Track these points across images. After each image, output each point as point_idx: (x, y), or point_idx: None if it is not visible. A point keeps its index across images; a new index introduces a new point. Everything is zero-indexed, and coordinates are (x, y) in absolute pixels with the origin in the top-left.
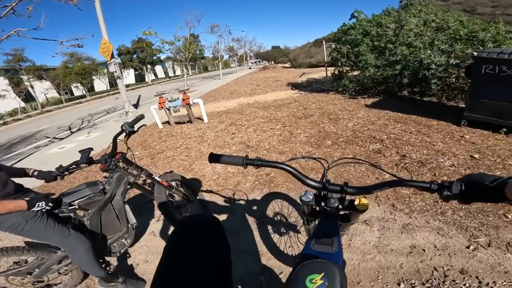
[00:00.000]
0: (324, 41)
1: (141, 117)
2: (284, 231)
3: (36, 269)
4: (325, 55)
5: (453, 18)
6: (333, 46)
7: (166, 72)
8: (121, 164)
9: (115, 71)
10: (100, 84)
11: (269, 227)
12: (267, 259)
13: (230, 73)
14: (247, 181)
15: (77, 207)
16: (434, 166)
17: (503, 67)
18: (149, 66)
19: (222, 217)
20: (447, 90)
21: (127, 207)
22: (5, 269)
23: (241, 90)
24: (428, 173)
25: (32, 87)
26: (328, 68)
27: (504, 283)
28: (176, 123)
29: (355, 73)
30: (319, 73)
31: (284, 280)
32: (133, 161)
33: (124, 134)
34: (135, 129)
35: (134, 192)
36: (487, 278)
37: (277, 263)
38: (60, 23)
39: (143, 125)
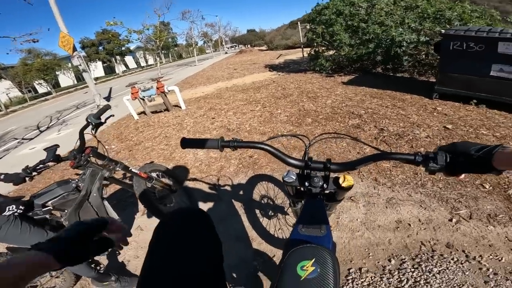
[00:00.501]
0: (299, 23)
1: (107, 107)
2: (272, 214)
3: None
4: (301, 36)
5: None
6: (308, 27)
7: (137, 62)
8: (92, 159)
9: (80, 65)
10: (66, 79)
11: (257, 211)
12: (258, 243)
13: (206, 59)
14: (230, 165)
15: (51, 208)
16: (411, 138)
17: (471, 43)
18: (118, 57)
19: (209, 205)
20: (418, 66)
21: (106, 203)
22: None
23: (218, 74)
24: (406, 145)
25: None
26: (304, 48)
27: (491, 256)
28: (152, 112)
29: (331, 52)
30: (296, 54)
31: (278, 264)
32: (105, 154)
33: (90, 127)
34: (103, 120)
35: (115, 187)
36: (473, 252)
37: (268, 247)
38: (14, 20)
39: (110, 115)
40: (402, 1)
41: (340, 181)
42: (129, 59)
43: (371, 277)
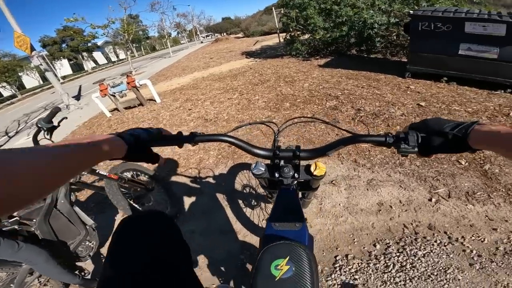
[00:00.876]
0: (274, 8)
1: (56, 109)
2: (255, 203)
3: (11, 285)
4: (276, 22)
5: None
6: (282, 11)
7: (108, 58)
8: None
9: (41, 64)
10: (31, 80)
11: (240, 202)
12: (244, 236)
13: (180, 49)
14: (209, 157)
15: (17, 218)
16: (387, 116)
17: (438, 23)
18: (84, 53)
19: (191, 199)
20: (390, 47)
21: (76, 209)
22: None
23: (194, 65)
24: (382, 124)
25: None
26: (280, 34)
27: (473, 237)
28: (125, 108)
29: (306, 36)
30: (272, 40)
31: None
32: None
33: (43, 132)
34: (55, 123)
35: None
36: (455, 233)
37: (253, 238)
38: None
39: (64, 118)
40: None
41: (312, 169)
42: (98, 55)
43: (358, 263)
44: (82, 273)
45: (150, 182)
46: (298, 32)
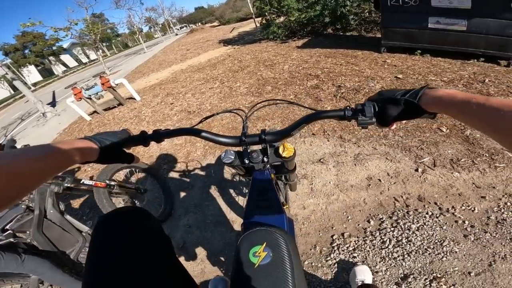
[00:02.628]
0: None
1: (11, 142)
2: (247, 191)
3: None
4: (251, 7)
5: None
6: None
7: (78, 60)
8: None
9: (6, 73)
10: (1, 90)
11: (231, 191)
12: (239, 224)
13: (155, 44)
14: (197, 149)
15: (11, 231)
16: (367, 91)
17: None
18: (51, 58)
19: (183, 194)
20: (364, 24)
21: (68, 217)
22: None
23: (171, 58)
24: (363, 98)
25: None
26: (256, 19)
27: (463, 207)
28: (105, 110)
29: (282, 19)
30: (249, 26)
31: None
32: None
33: None
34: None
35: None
36: (445, 203)
37: None
38: None
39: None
40: None
41: (280, 151)
42: (66, 58)
43: (354, 241)
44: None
45: (143, 182)
46: (274, 16)
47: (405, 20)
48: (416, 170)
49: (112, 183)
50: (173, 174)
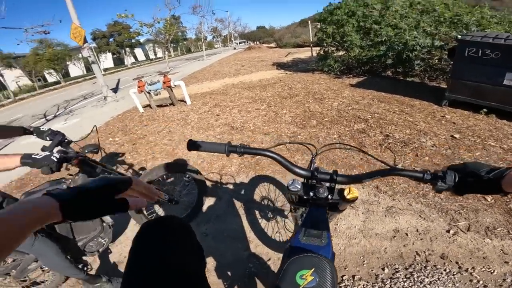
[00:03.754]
0: (310, 22)
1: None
2: (271, 216)
3: (13, 270)
4: (311, 35)
5: (439, 1)
6: (318, 26)
7: (146, 55)
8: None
9: (89, 56)
10: (76, 69)
11: (256, 212)
12: (255, 245)
13: (214, 54)
14: (232, 165)
15: None
16: (416, 146)
17: (487, 50)
18: (127, 49)
19: (208, 203)
20: (430, 71)
21: None
22: None
23: (225, 70)
24: (411, 153)
25: (1, 75)
26: (313, 48)
27: (483, 268)
28: (157, 106)
29: (340, 53)
30: (304, 53)
31: (273, 267)
32: (99, 162)
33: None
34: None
35: None
36: (467, 264)
37: (265, 249)
38: (27, 10)
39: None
40: (419, 4)
41: (345, 193)
42: (138, 51)
43: (363, 285)
44: (86, 268)
45: (178, 193)
46: (333, 48)
47: (479, 73)
48: (448, 231)
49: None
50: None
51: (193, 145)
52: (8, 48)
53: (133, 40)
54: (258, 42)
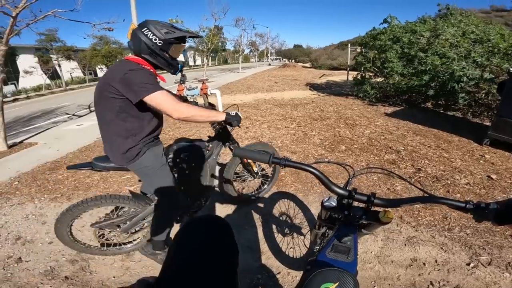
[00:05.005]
0: (349, 44)
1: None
2: (288, 232)
3: (128, 222)
4: (349, 59)
5: (494, 31)
6: (358, 50)
7: (186, 61)
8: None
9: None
10: None
11: (273, 226)
12: (267, 258)
13: (249, 67)
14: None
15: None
16: (449, 182)
17: None
18: None
19: (227, 210)
20: (474, 106)
21: (217, 167)
22: (99, 220)
23: (258, 85)
24: (442, 189)
25: (59, 66)
26: (350, 72)
27: None
28: None
29: (379, 79)
30: (340, 76)
31: (281, 281)
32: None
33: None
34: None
35: None
36: None
37: (276, 263)
38: (91, 5)
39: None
40: (472, 33)
41: (380, 215)
42: (179, 57)
43: None
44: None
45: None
46: (371, 74)
47: None
48: (468, 264)
49: (250, 161)
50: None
51: (239, 152)
52: (71, 41)
53: None
54: (293, 61)
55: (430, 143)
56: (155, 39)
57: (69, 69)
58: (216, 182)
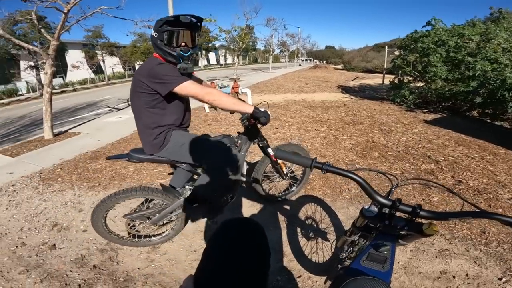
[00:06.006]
0: (386, 47)
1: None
2: (313, 236)
3: (157, 214)
4: (385, 61)
5: None
6: (396, 52)
7: (218, 60)
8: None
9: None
10: None
11: (298, 229)
12: (289, 260)
13: (279, 67)
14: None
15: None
16: (491, 196)
17: None
18: (203, 52)
19: (252, 209)
20: None
21: (244, 164)
22: (131, 212)
23: (288, 86)
24: (483, 202)
25: (103, 61)
26: (386, 75)
27: None
28: (221, 109)
29: (418, 84)
30: (374, 79)
31: (300, 285)
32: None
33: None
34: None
35: None
36: None
37: (297, 266)
38: (132, 3)
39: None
40: None
41: (424, 227)
42: (211, 55)
43: None
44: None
45: (287, 173)
46: (410, 78)
47: None
48: (500, 279)
49: (279, 161)
50: (252, 192)
51: (280, 153)
52: (114, 38)
53: (210, 44)
54: (324, 62)
55: (474, 154)
56: (153, 33)
57: (111, 64)
58: (243, 179)
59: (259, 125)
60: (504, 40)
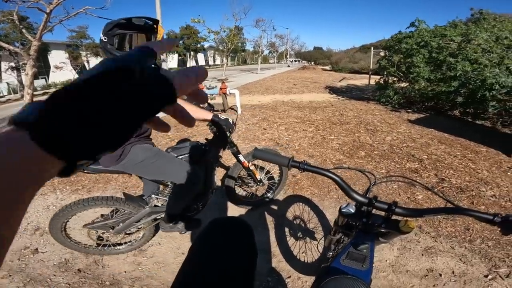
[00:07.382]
0: (372, 48)
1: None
2: (301, 236)
3: (121, 224)
4: (371, 62)
5: None
6: (382, 53)
7: (206, 60)
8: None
9: (161, 55)
10: None
11: (287, 229)
12: (278, 260)
13: (268, 68)
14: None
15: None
16: (474, 194)
17: None
18: (192, 52)
19: (240, 211)
20: (504, 115)
21: (214, 172)
22: (91, 221)
23: (277, 86)
24: (466, 200)
25: (88, 62)
26: (372, 76)
27: None
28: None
29: (403, 84)
30: (361, 80)
31: (290, 286)
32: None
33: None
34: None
35: None
36: None
37: (287, 266)
38: (118, 4)
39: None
40: (506, 39)
41: (401, 224)
42: (200, 56)
43: None
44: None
45: (260, 179)
46: (394, 79)
47: None
48: (486, 276)
49: (251, 167)
50: (241, 191)
51: (258, 154)
52: (99, 39)
53: (198, 45)
54: (313, 63)
55: (456, 152)
56: (102, 37)
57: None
58: (214, 186)
59: (228, 133)
60: (484, 41)
